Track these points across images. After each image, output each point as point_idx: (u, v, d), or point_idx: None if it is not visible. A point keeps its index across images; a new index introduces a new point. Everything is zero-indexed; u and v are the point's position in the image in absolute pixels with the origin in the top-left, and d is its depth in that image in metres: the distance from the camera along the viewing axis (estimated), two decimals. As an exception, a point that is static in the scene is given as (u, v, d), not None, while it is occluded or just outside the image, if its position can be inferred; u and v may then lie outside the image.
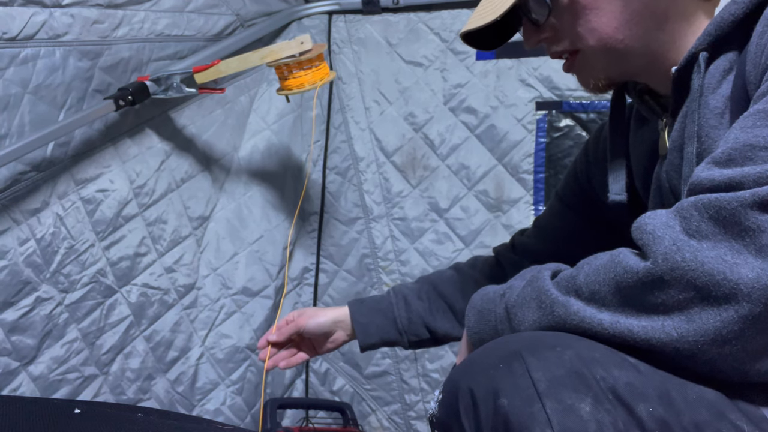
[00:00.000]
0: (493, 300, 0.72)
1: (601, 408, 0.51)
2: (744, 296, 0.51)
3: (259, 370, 1.76)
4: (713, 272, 0.52)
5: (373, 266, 1.84)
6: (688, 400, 0.53)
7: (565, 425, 0.51)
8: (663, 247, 0.55)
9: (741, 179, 0.54)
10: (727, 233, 0.53)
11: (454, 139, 1.74)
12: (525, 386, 0.53)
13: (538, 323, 0.64)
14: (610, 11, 0.71)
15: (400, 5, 1.75)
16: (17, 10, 1.11)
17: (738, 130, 0.57)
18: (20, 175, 1.18)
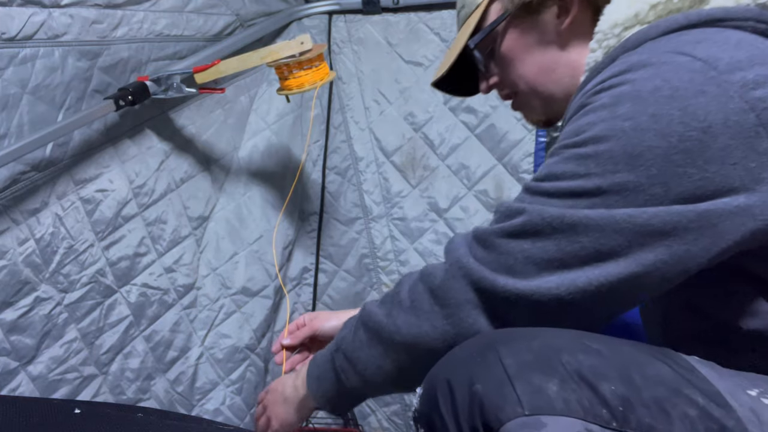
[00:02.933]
0: (327, 360, 0.87)
1: (568, 388, 0.57)
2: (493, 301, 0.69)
3: (258, 370, 1.76)
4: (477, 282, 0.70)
5: (372, 266, 1.84)
6: (647, 379, 0.58)
7: (533, 403, 0.56)
8: (454, 256, 0.73)
9: (503, 210, 0.71)
10: (489, 254, 0.70)
11: (454, 138, 1.74)
12: (497, 372, 0.59)
13: (380, 352, 0.79)
14: (530, 62, 0.86)
15: (400, 5, 1.75)
16: (16, 10, 1.10)
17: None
18: (19, 175, 1.18)
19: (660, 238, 0.62)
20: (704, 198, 0.61)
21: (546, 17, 0.84)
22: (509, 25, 0.86)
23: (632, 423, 0.56)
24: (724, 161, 0.60)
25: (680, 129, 0.60)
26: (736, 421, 0.57)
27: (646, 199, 0.62)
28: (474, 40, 0.88)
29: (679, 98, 0.61)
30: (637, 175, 0.61)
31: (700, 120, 0.60)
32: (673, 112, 0.61)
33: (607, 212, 0.63)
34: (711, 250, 0.62)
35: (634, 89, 0.63)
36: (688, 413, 0.57)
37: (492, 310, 0.70)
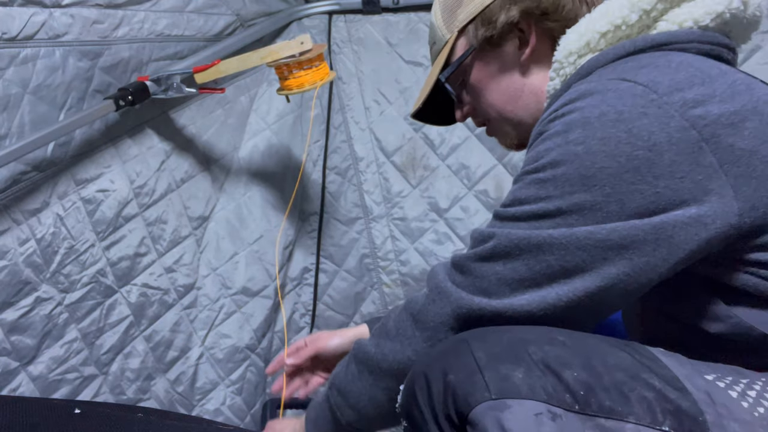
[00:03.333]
0: (323, 400, 0.92)
1: (533, 375, 0.62)
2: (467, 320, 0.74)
3: (258, 370, 1.76)
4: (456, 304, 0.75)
5: (373, 266, 1.84)
6: (607, 366, 0.63)
7: (500, 389, 0.62)
8: (434, 282, 0.78)
9: (476, 236, 0.75)
10: (465, 278, 0.75)
11: (454, 138, 1.74)
12: (469, 363, 0.64)
13: (370, 382, 0.83)
14: (496, 90, 0.91)
15: (400, 5, 1.75)
16: (17, 10, 1.11)
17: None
18: (20, 175, 1.18)
19: (620, 251, 0.66)
20: (658, 211, 0.65)
21: (507, 49, 0.89)
22: (475, 59, 0.92)
23: (593, 406, 0.61)
24: (672, 176, 0.64)
25: (627, 149, 0.65)
26: (691, 403, 0.61)
27: (604, 216, 0.66)
28: (444, 74, 0.93)
29: (624, 121, 0.65)
30: (593, 194, 0.66)
31: (645, 139, 0.64)
32: (620, 134, 0.65)
33: (569, 231, 0.67)
34: (669, 260, 0.66)
35: (583, 116, 0.68)
36: (646, 396, 0.61)
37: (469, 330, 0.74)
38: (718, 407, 0.62)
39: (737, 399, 0.64)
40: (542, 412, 0.61)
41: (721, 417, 0.61)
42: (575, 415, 0.61)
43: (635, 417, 0.61)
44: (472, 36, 0.91)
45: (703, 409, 0.61)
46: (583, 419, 0.61)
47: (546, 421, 0.60)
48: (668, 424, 0.60)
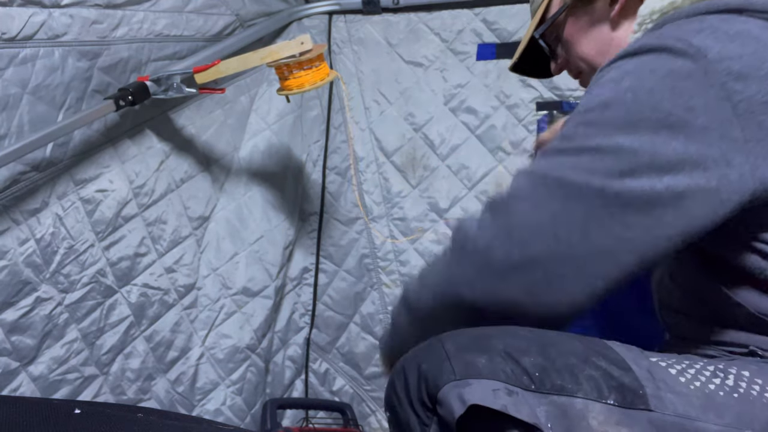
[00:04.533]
0: (386, 330, 0.99)
1: (494, 361, 0.69)
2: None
3: (259, 370, 1.76)
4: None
5: (372, 266, 1.84)
6: (560, 352, 0.70)
7: (464, 371, 0.69)
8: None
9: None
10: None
11: (454, 139, 1.74)
12: (439, 354, 0.72)
13: (408, 320, 0.89)
14: (587, 44, 0.96)
15: (400, 5, 1.75)
16: (16, 11, 1.11)
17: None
18: (20, 175, 1.18)
19: (637, 211, 0.69)
20: (683, 172, 0.68)
21: (598, 5, 0.95)
22: (569, 15, 0.98)
23: (547, 385, 0.68)
24: (702, 141, 0.67)
25: (668, 106, 0.68)
26: (633, 379, 0.69)
27: (635, 164, 0.69)
28: (538, 31, 1.01)
29: (671, 78, 0.69)
30: (632, 140, 0.69)
31: (685, 100, 0.68)
32: (665, 91, 0.69)
33: (600, 178, 0.70)
34: (679, 229, 0.69)
35: (637, 68, 0.72)
36: (593, 375, 0.69)
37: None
38: (658, 382, 0.69)
39: (676, 375, 0.71)
40: (499, 389, 0.68)
41: (659, 390, 0.69)
42: (531, 393, 0.68)
43: (583, 393, 0.68)
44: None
45: (644, 383, 0.68)
46: (538, 397, 0.68)
47: (502, 395, 0.67)
48: (613, 398, 0.68)
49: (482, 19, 1.70)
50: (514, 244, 0.72)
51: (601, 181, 0.69)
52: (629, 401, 0.68)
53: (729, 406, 0.69)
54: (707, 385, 0.71)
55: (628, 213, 0.69)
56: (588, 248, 0.70)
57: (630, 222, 0.69)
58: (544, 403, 0.68)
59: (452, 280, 0.78)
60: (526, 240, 0.72)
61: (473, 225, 0.77)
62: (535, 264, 0.72)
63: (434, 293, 0.82)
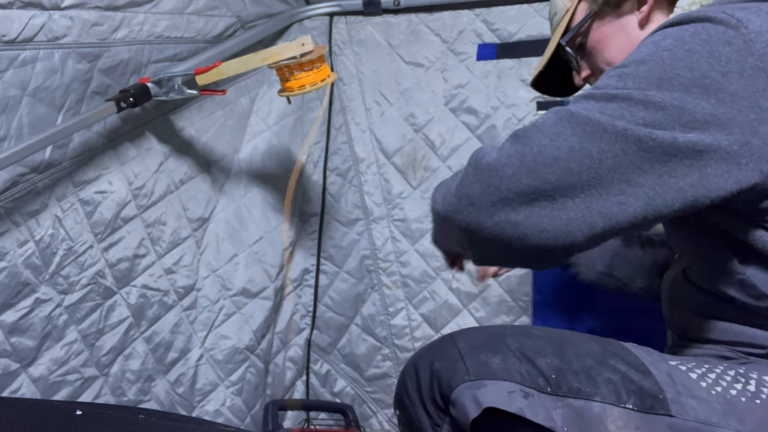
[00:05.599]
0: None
1: (509, 361, 0.69)
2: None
3: (258, 371, 1.76)
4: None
5: (373, 267, 1.84)
6: (577, 354, 0.70)
7: (478, 372, 0.69)
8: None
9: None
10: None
11: (455, 139, 1.74)
12: (452, 353, 0.72)
13: (431, 215, 0.86)
14: (613, 47, 0.98)
15: (400, 6, 1.75)
16: (16, 13, 1.11)
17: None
18: (19, 177, 1.19)
19: (656, 162, 0.70)
20: (707, 131, 0.69)
21: (625, 9, 0.97)
22: (594, 21, 1.00)
23: (564, 388, 0.68)
24: (732, 105, 0.68)
25: (705, 66, 0.70)
26: (653, 383, 0.68)
27: (664, 117, 0.70)
28: (565, 38, 1.02)
29: (711, 42, 0.71)
30: (663, 95, 0.70)
31: (722, 64, 0.69)
32: (703, 52, 0.70)
33: (627, 125, 0.71)
34: (695, 191, 0.69)
35: (680, 31, 0.74)
36: (611, 378, 0.68)
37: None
38: (678, 386, 0.69)
39: (696, 379, 0.71)
40: (515, 391, 0.67)
41: (679, 395, 0.68)
42: (547, 396, 0.68)
43: (601, 396, 0.68)
44: (592, 1, 1.00)
45: (664, 388, 0.68)
46: (554, 399, 0.68)
47: (518, 398, 0.67)
48: (632, 402, 0.68)
49: (483, 19, 1.70)
50: (525, 170, 0.72)
51: (626, 125, 0.70)
52: (649, 406, 0.67)
53: (751, 411, 0.69)
54: (728, 391, 0.71)
55: (644, 159, 0.69)
56: (597, 185, 0.70)
57: (644, 167, 0.69)
58: (560, 406, 0.68)
59: (460, 191, 0.77)
60: (539, 168, 0.71)
61: (492, 149, 0.78)
62: (542, 191, 0.71)
63: (443, 201, 0.81)
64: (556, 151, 0.71)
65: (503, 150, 0.75)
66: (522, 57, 1.66)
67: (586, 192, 0.70)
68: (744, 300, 0.80)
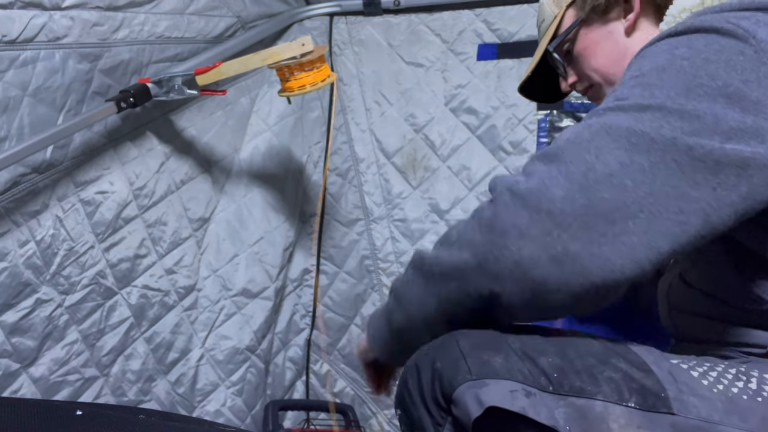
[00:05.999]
0: (383, 306, 0.89)
1: (511, 360, 0.69)
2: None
3: (259, 371, 1.76)
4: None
5: (373, 268, 1.84)
6: (579, 353, 0.70)
7: (480, 371, 0.68)
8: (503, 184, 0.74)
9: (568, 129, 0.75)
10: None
11: (455, 140, 1.74)
12: (453, 352, 0.71)
13: (422, 287, 0.79)
14: (600, 53, 0.99)
15: (401, 7, 1.75)
16: (17, 13, 1.11)
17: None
18: (20, 177, 1.19)
19: (708, 173, 0.67)
20: (745, 140, 0.67)
21: (612, 16, 0.98)
22: (581, 28, 1.01)
23: (566, 387, 0.67)
24: (757, 113, 0.68)
25: (725, 75, 0.69)
26: (655, 381, 0.68)
27: (701, 126, 0.67)
28: (552, 44, 1.02)
29: (725, 52, 0.70)
30: (694, 104, 0.68)
31: (739, 73, 0.69)
32: (720, 62, 0.70)
33: (667, 131, 0.68)
34: (747, 200, 0.67)
35: (690, 40, 0.73)
36: (613, 377, 0.68)
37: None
38: (680, 384, 0.69)
39: (698, 378, 0.71)
40: (517, 390, 0.67)
41: (681, 393, 0.68)
42: (549, 395, 0.67)
43: (603, 395, 0.67)
44: (580, 8, 0.99)
45: (666, 386, 0.68)
46: (556, 398, 0.67)
47: (520, 396, 0.67)
48: (634, 401, 0.67)
49: (483, 19, 1.70)
50: (578, 189, 0.66)
51: (672, 133, 0.66)
52: (651, 404, 0.67)
53: (753, 410, 0.69)
54: (730, 389, 0.70)
55: (697, 169, 0.66)
56: (654, 202, 0.65)
57: (698, 179, 0.66)
58: (562, 405, 0.67)
59: (498, 225, 0.69)
60: (591, 186, 0.66)
61: (517, 177, 0.71)
62: (599, 210, 0.65)
63: (471, 244, 0.71)
64: (605, 167, 0.66)
65: (539, 172, 0.69)
66: (522, 57, 1.66)
67: (645, 211, 0.65)
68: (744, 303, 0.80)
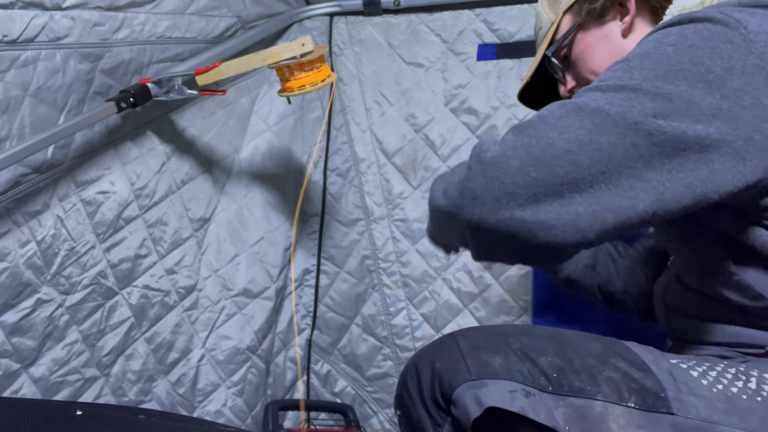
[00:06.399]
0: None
1: (510, 360, 0.70)
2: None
3: (259, 371, 1.76)
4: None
5: (374, 268, 1.84)
6: (578, 353, 0.71)
7: (479, 371, 0.69)
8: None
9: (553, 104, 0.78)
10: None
11: (455, 140, 1.74)
12: (453, 352, 0.72)
13: (432, 209, 0.86)
14: (598, 56, 1.00)
15: (401, 6, 1.75)
16: (18, 13, 1.11)
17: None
18: (21, 177, 1.19)
19: (666, 156, 0.69)
20: (715, 124, 0.69)
21: (609, 19, 0.99)
22: (578, 33, 1.02)
23: (565, 387, 0.68)
24: (736, 101, 0.69)
25: (708, 62, 0.71)
26: (654, 381, 0.69)
27: (673, 108, 0.70)
28: (550, 49, 1.03)
29: (713, 39, 0.72)
30: (670, 87, 0.70)
31: (725, 60, 0.70)
32: (707, 49, 0.71)
33: (637, 112, 0.71)
34: (703, 186, 0.69)
35: (681, 29, 0.75)
36: (613, 377, 0.69)
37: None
38: (679, 384, 0.70)
39: (698, 377, 0.72)
40: (517, 390, 0.68)
41: (681, 393, 0.69)
42: (549, 395, 0.68)
43: (603, 395, 0.68)
44: (576, 13, 1.01)
45: (665, 386, 0.69)
46: (555, 398, 0.68)
47: (519, 397, 0.68)
48: (633, 401, 0.68)
49: (483, 19, 1.70)
50: (533, 163, 0.70)
51: (636, 117, 0.69)
52: (650, 404, 0.68)
53: (752, 409, 0.69)
54: (729, 388, 0.71)
55: (654, 154, 0.68)
56: (606, 179, 0.68)
57: (654, 163, 0.68)
58: (561, 405, 0.68)
59: (462, 186, 0.75)
60: (547, 161, 0.69)
61: (494, 142, 0.75)
62: (549, 185, 0.69)
63: (444, 196, 0.79)
64: (565, 144, 0.69)
65: (507, 142, 0.73)
66: (522, 57, 1.66)
67: (595, 186, 0.68)
68: (741, 301, 0.80)
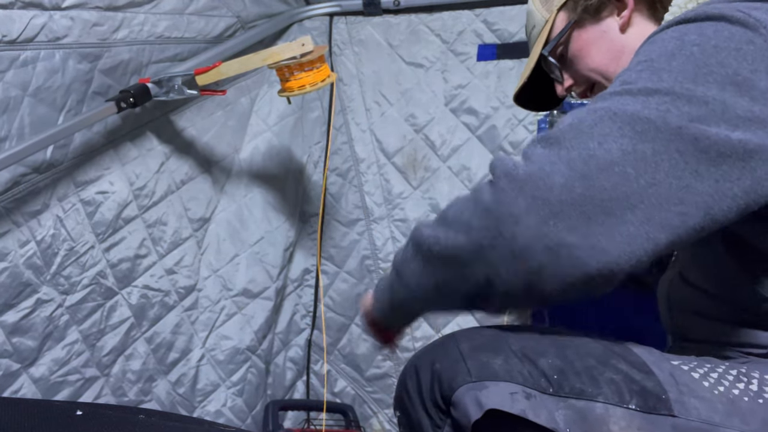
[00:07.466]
0: (387, 275, 0.87)
1: (511, 362, 0.68)
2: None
3: (259, 371, 1.76)
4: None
5: (374, 268, 1.84)
6: (579, 354, 0.70)
7: (480, 373, 0.68)
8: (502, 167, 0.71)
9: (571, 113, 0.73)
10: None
11: (455, 140, 1.74)
12: (453, 353, 0.71)
13: (420, 266, 0.77)
14: (596, 52, 0.96)
15: (401, 7, 1.75)
16: (17, 13, 1.11)
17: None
18: (20, 177, 1.19)
19: (710, 163, 0.65)
20: (753, 128, 0.66)
21: (605, 15, 0.95)
22: (574, 30, 0.98)
23: (566, 388, 0.67)
24: (765, 103, 0.66)
25: (735, 64, 0.67)
26: (655, 383, 0.68)
27: (710, 112, 0.66)
28: (546, 48, 0.99)
29: (735, 41, 0.68)
30: (703, 90, 0.66)
31: (749, 62, 0.67)
32: (731, 50, 0.68)
33: (674, 117, 0.66)
34: (742, 184, 0.65)
35: (700, 27, 0.71)
36: (614, 378, 0.68)
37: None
38: (680, 386, 0.68)
39: (699, 379, 0.70)
40: (517, 392, 0.67)
41: (682, 395, 0.68)
42: (549, 396, 0.67)
43: (604, 397, 0.67)
44: (571, 9, 0.97)
45: (666, 388, 0.68)
46: (556, 400, 0.67)
47: (520, 398, 0.66)
48: (634, 403, 0.67)
49: (483, 20, 1.70)
50: (577, 177, 0.64)
51: (678, 121, 0.64)
52: (651, 406, 0.67)
53: (754, 411, 0.68)
54: (731, 390, 0.70)
55: (701, 161, 0.64)
56: (655, 192, 0.63)
57: (701, 171, 0.64)
58: (562, 407, 0.67)
59: (493, 211, 0.67)
60: (592, 174, 0.64)
61: (517, 160, 0.68)
62: (599, 200, 0.63)
63: (463, 233, 0.69)
64: (607, 154, 0.64)
65: (539, 157, 0.67)
66: (522, 57, 1.66)
67: (645, 202, 0.63)
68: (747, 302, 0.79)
